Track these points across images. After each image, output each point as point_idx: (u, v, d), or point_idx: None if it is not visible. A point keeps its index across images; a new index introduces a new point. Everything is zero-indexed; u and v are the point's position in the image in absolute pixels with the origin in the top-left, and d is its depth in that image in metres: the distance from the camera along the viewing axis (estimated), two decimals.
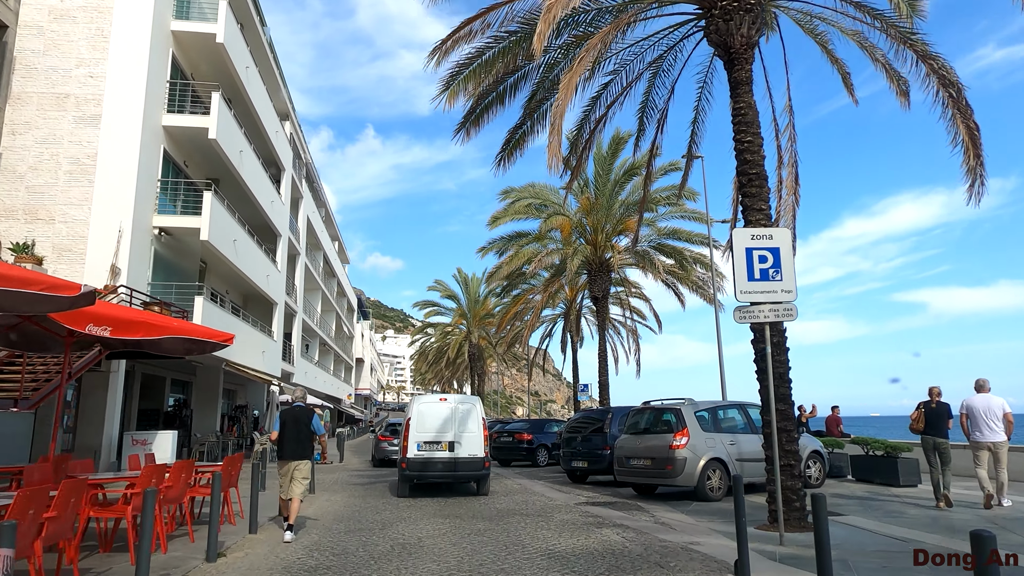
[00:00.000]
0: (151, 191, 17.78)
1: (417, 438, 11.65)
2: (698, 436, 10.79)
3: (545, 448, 19.97)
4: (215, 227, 18.74)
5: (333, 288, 47.90)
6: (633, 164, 22.50)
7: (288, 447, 7.94)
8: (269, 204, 25.67)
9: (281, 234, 28.23)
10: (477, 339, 49.30)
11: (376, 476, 16.48)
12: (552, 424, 21.02)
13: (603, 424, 13.74)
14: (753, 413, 11.91)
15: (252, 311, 28.24)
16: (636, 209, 23.44)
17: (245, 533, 7.87)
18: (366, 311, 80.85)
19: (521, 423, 21.27)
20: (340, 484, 14.40)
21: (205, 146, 19.61)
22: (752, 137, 8.62)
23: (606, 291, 23.99)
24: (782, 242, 7.39)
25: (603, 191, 23.30)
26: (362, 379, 72.72)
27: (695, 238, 23.01)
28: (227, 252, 20.06)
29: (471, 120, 10.30)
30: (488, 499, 11.62)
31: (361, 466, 20.57)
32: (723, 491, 10.74)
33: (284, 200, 28.79)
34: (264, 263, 25.11)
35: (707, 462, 10.63)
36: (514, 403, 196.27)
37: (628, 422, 12.15)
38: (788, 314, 7.24)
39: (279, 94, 29.02)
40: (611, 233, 23.62)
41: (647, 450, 11.08)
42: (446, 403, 12.15)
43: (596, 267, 23.83)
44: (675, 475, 10.52)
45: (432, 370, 59.80)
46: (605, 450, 13.35)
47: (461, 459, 11.53)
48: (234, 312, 23.45)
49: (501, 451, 20.57)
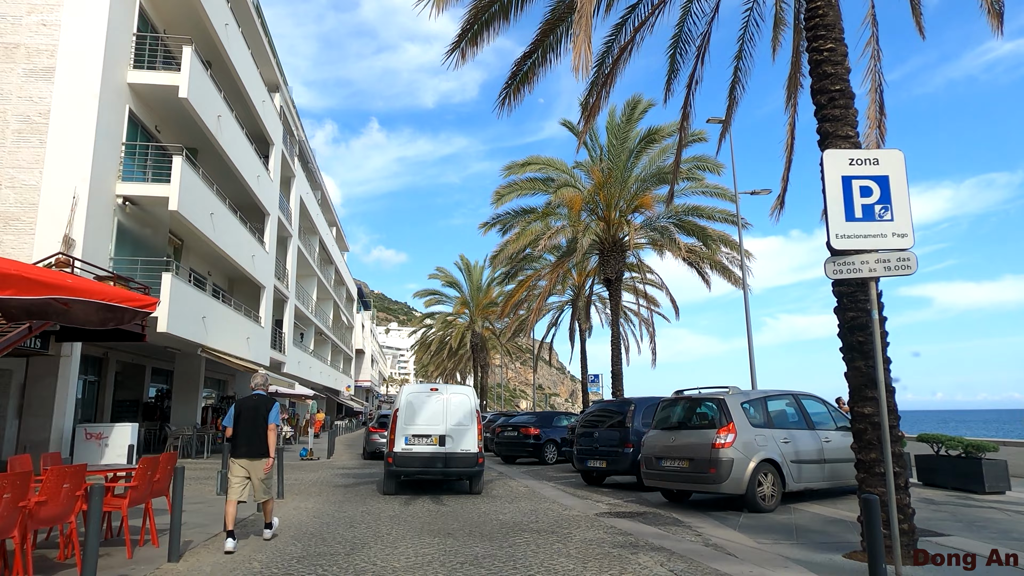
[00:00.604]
0: (113, 155, 15.84)
1: (405, 431, 10.67)
2: (746, 432, 8.82)
3: (554, 444, 18.03)
4: (187, 197, 16.80)
5: (330, 275, 45.98)
6: (651, 132, 20.46)
7: (243, 443, 6.68)
8: (255, 179, 23.72)
9: (269, 213, 26.28)
10: (480, 329, 47.37)
11: (361, 476, 14.58)
12: (561, 417, 19.07)
13: (624, 417, 11.78)
14: (810, 405, 9.92)
15: (239, 295, 26.36)
16: (654, 184, 21.45)
17: (163, 562, 5.93)
18: (367, 301, 78.98)
19: (527, 416, 19.37)
20: (319, 486, 12.49)
21: (178, 110, 17.66)
22: (834, 44, 6.59)
23: (620, 273, 21.96)
24: (892, 169, 5.39)
25: (618, 162, 21.25)
26: (363, 371, 70.91)
27: (718, 215, 20.96)
28: (203, 226, 18.12)
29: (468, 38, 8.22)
30: (489, 505, 9.70)
31: (350, 461, 18.67)
32: (776, 500, 8.79)
33: (273, 177, 26.84)
34: (249, 242, 23.19)
35: (758, 464, 8.66)
36: (518, 396, 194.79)
37: (658, 416, 10.16)
38: (904, 266, 5.24)
39: (267, 63, 27.00)
40: (626, 210, 21.58)
41: (684, 449, 9.11)
42: (437, 393, 11.13)
43: (609, 247, 21.80)
44: (719, 480, 8.56)
45: (434, 361, 57.93)
46: (627, 448, 11.39)
47: (453, 454, 10.59)
48: (214, 294, 21.55)
49: (505, 447, 18.66)
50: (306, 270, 37.29)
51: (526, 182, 22.22)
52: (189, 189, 16.95)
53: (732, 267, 21.10)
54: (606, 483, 12.93)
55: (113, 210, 15.89)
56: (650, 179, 20.73)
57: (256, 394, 6.98)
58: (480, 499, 10.49)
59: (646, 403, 11.93)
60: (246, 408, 6.80)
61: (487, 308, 46.74)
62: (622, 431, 11.64)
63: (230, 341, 21.21)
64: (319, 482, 13.14)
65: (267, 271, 26.09)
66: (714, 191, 21.39)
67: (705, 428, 9.11)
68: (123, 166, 16.26)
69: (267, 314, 26.13)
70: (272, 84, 28.23)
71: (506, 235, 22.49)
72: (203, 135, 19.18)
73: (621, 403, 12.26)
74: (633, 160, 21.30)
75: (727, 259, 20.91)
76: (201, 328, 18.13)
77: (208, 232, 18.76)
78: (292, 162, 31.31)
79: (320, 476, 14.31)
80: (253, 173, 23.48)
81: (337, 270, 48.90)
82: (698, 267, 20.39)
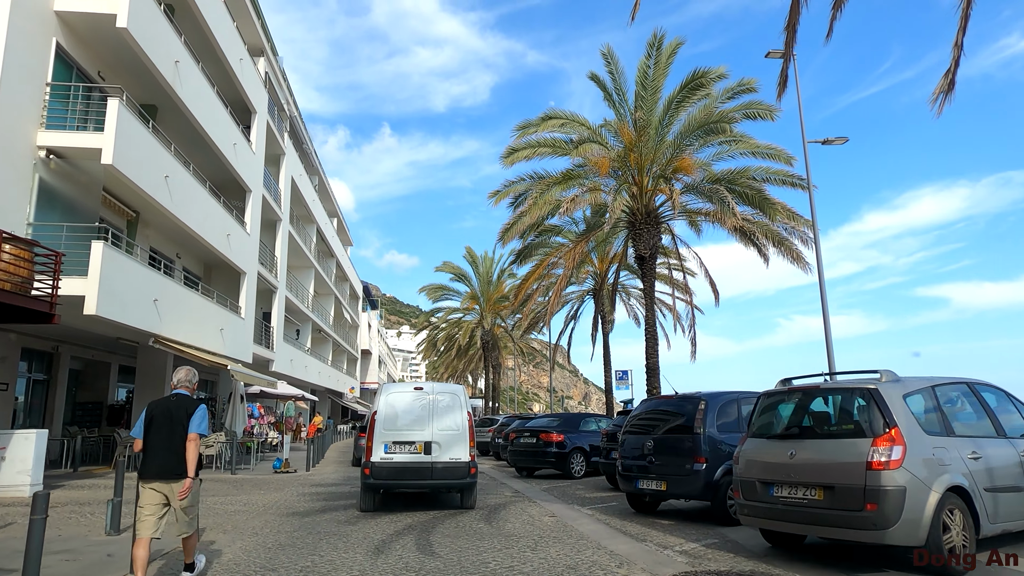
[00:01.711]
0: (33, 98, 12.74)
1: (385, 438, 9.29)
2: (920, 444, 5.42)
3: (581, 453, 14.66)
4: (129, 151, 13.66)
5: (331, 269, 42.89)
6: (695, 78, 17.06)
7: (155, 460, 5.14)
8: (230, 148, 20.60)
9: (251, 190, 23.15)
10: (491, 326, 44.04)
11: (334, 496, 11.31)
12: (589, 420, 15.64)
13: (690, 420, 8.38)
14: (993, 398, 6.48)
15: (218, 284, 23.28)
16: (698, 141, 18.06)
17: None
18: (374, 301, 76.03)
19: (548, 419, 16.03)
20: (270, 513, 9.22)
21: (127, 53, 14.54)
22: None
23: (655, 248, 18.54)
24: None
25: (650, 118, 17.87)
26: (369, 372, 67.84)
27: (774, 177, 17.49)
28: (154, 191, 14.98)
29: None
30: (504, 555, 6.39)
31: (332, 474, 15.39)
32: (971, 547, 5.37)
33: (256, 150, 23.72)
34: (223, 219, 20.05)
35: (943, 495, 5.26)
36: (530, 399, 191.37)
37: (758, 418, 6.71)
38: None
39: (248, 22, 23.94)
40: (659, 175, 18.16)
41: (812, 471, 5.71)
42: (422, 392, 9.79)
43: (642, 218, 18.40)
44: (883, 522, 5.17)
45: (442, 360, 54.68)
46: (697, 463, 8.01)
47: (440, 464, 9.26)
48: (187, 281, 18.45)
49: (521, 456, 15.30)
50: (302, 261, 34.20)
51: (544, 143, 18.87)
52: (131, 142, 13.81)
53: (791, 242, 17.59)
54: (662, 509, 9.55)
55: (33, 164, 12.78)
56: (693, 132, 17.33)
57: (176, 394, 5.41)
58: (489, 539, 7.18)
59: (722, 399, 8.54)
60: (160, 413, 5.25)
61: (498, 303, 43.41)
62: (689, 439, 8.25)
63: (197, 331, 18.07)
64: (274, 507, 9.86)
65: (248, 255, 22.95)
66: (766, 152, 17.94)
67: (848, 436, 5.71)
68: (47, 111, 13.16)
69: (249, 304, 22.99)
70: (255, 47, 25.16)
71: (518, 207, 19.06)
72: (160, 88, 16.09)
73: (684, 400, 8.83)
74: (671, 115, 17.92)
75: (787, 232, 17.39)
76: (151, 313, 14.97)
77: (163, 200, 15.62)
78: (281, 138, 28.21)
79: (281, 497, 11.02)
80: (227, 140, 20.35)
81: (339, 264, 45.81)
82: (755, 240, 16.84)
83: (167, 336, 15.75)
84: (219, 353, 19.57)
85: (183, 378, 5.53)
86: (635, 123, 18.09)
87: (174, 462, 5.06)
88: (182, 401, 5.29)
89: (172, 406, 5.23)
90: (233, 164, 20.94)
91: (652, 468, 8.54)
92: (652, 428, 8.96)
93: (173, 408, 5.21)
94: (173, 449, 5.08)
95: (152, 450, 5.10)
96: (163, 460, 5.06)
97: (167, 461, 5.06)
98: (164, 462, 5.05)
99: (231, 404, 20.27)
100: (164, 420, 5.17)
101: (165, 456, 5.07)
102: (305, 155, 35.56)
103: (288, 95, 31.04)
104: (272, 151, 27.41)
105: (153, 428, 5.16)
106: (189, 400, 5.34)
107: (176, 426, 5.13)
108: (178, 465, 5.06)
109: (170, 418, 5.16)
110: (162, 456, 5.07)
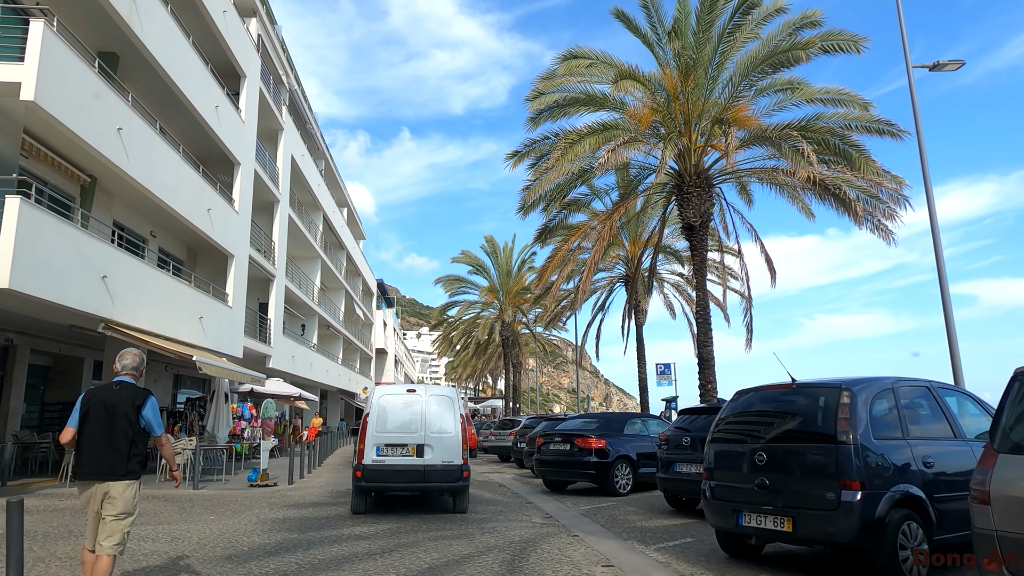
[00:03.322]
0: None
1: (376, 440, 9.24)
2: None
3: (627, 463, 11.63)
4: (59, 88, 10.98)
5: (340, 262, 40.35)
6: (750, 3, 14.00)
7: (89, 458, 4.49)
8: (211, 110, 17.96)
9: (240, 162, 20.51)
10: (511, 320, 41.12)
11: (307, 525, 8.52)
12: (635, 421, 12.55)
13: (828, 420, 5.36)
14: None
15: (205, 269, 20.70)
16: (750, 90, 15.00)
17: None
18: (390, 299, 73.51)
19: (583, 420, 13.04)
20: (200, 558, 6.39)
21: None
22: None
23: (705, 215, 15.50)
24: None
25: (700, 56, 14.84)
26: (385, 373, 65.25)
27: (857, 124, 14.29)
28: (98, 142, 12.30)
29: None
30: None
31: (317, 489, 12.54)
32: None
33: (246, 119, 21.09)
34: (200, 189, 17.38)
35: None
36: (550, 400, 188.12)
37: (1009, 416, 3.70)
38: None
39: None
40: (716, 121, 15.06)
41: None
42: (415, 395, 9.72)
43: (691, 179, 15.37)
44: None
45: (460, 359, 51.89)
46: (849, 489, 4.99)
47: (433, 467, 9.12)
48: (133, 249, 15.83)
49: (551, 467, 12.33)
50: (306, 251, 31.64)
51: (573, 99, 15.83)
52: (64, 78, 11.14)
53: (876, 203, 14.35)
54: (769, 552, 6.52)
55: None
56: (755, 70, 14.25)
57: (120, 382, 4.69)
58: None
59: (874, 387, 5.51)
60: (98, 403, 4.56)
61: (518, 296, 40.52)
62: (826, 451, 5.23)
63: (168, 319, 15.42)
64: (206, 546, 6.99)
65: (237, 236, 20.31)
66: (838, 97, 14.80)
67: None
68: None
69: (238, 291, 20.34)
70: (246, 6, 22.58)
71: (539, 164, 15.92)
72: (120, 32, 13.50)
73: (812, 389, 5.81)
74: (723, 52, 14.87)
75: (873, 187, 14.14)
76: (98, 293, 12.30)
77: (117, 159, 12.97)
78: (279, 112, 25.60)
79: (230, 527, 8.15)
80: (207, 101, 17.72)
81: (350, 258, 43.26)
82: (839, 195, 13.52)
83: (122, 321, 13.07)
84: (197, 345, 16.92)
85: (128, 364, 4.83)
86: (680, 65, 15.05)
87: (113, 460, 4.50)
88: (127, 390, 4.66)
89: (115, 396, 4.61)
90: (216, 131, 18.30)
91: (765, 496, 5.52)
92: (757, 433, 5.93)
93: (116, 398, 4.59)
94: (113, 445, 4.50)
95: (87, 445, 4.51)
96: (98, 457, 4.48)
97: (103, 459, 4.48)
98: (99, 459, 4.48)
99: (214, 403, 17.60)
100: (103, 411, 4.55)
101: (101, 453, 4.48)
102: (309, 136, 32.99)
103: (287, 67, 28.46)
104: (268, 125, 24.81)
105: (90, 420, 4.54)
106: (135, 390, 4.70)
107: (118, 419, 4.54)
108: (117, 464, 4.49)
109: (111, 410, 4.55)
110: (98, 452, 4.49)
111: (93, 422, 4.51)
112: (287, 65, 28.52)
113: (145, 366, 5.02)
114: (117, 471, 4.46)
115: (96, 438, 4.49)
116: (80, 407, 4.58)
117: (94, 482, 4.46)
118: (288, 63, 28.83)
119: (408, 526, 8.25)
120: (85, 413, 4.54)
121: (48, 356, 18.31)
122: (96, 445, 4.47)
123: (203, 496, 10.98)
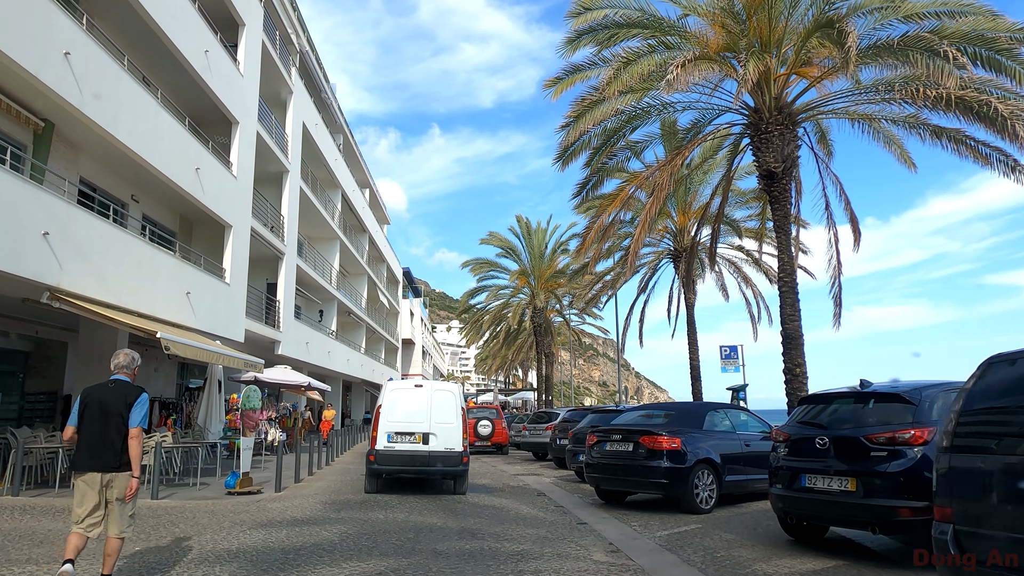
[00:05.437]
0: None
1: (388, 428, 10.33)
2: None
3: (710, 469, 8.73)
4: None
5: (362, 246, 38.05)
6: None
7: (86, 452, 4.78)
8: (200, 55, 15.52)
9: (238, 121, 18.08)
10: (544, 306, 38.29)
11: (278, 565, 5.82)
12: (718, 414, 9.63)
13: None
14: None
15: (202, 243, 18.42)
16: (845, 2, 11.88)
17: None
18: (417, 288, 71.30)
19: (646, 413, 10.20)
20: None
21: None
22: None
23: (789, 161, 12.48)
24: None
25: None
26: (412, 364, 63.10)
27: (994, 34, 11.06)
28: (37, 67, 9.85)
29: None
30: None
31: (311, 498, 9.90)
32: None
33: (246, 73, 18.66)
34: (184, 142, 14.93)
35: None
36: (581, 393, 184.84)
37: None
38: None
39: None
40: (806, 37, 11.97)
41: None
42: (421, 390, 10.95)
43: (771, 115, 12.35)
44: None
45: (489, 349, 49.29)
46: None
47: (436, 453, 10.27)
48: (100, 210, 13.46)
49: (607, 473, 9.46)
50: (323, 231, 29.35)
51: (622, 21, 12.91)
52: None
53: None
54: None
55: None
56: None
57: (115, 380, 5.00)
58: None
59: None
60: (93, 401, 4.87)
61: (551, 280, 37.66)
62: None
63: (142, 292, 13.01)
64: None
65: (235, 203, 17.91)
66: (955, 9, 11.59)
67: None
68: None
69: (237, 266, 17.97)
70: None
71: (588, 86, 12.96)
72: None
73: None
74: None
75: None
76: (40, 254, 9.89)
77: (68, 94, 10.54)
78: (288, 74, 23.17)
79: (209, 544, 5.54)
80: (195, 45, 15.28)
81: (373, 242, 40.91)
82: (989, 114, 10.20)
83: (72, 291, 10.65)
84: (185, 325, 14.55)
85: (121, 363, 5.08)
86: None
87: (109, 455, 4.76)
88: (120, 389, 4.92)
89: (108, 394, 4.88)
90: (207, 80, 15.86)
91: None
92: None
93: (110, 397, 4.86)
94: (108, 442, 4.76)
95: (85, 442, 4.78)
96: (95, 452, 4.75)
97: (100, 454, 4.75)
98: (96, 454, 4.74)
99: (206, 394, 15.26)
100: (98, 409, 4.82)
101: (98, 450, 4.75)
102: (325, 106, 30.59)
103: (298, 28, 26.00)
104: (274, 87, 22.42)
105: (87, 418, 4.81)
106: (129, 388, 4.95)
107: (112, 417, 4.80)
108: (113, 458, 4.76)
109: (105, 408, 4.82)
110: (95, 450, 4.75)
111: (90, 419, 4.80)
112: (297, 25, 26.07)
113: (139, 363, 5.23)
114: (113, 464, 4.74)
115: (93, 434, 4.78)
116: (78, 405, 4.86)
117: (94, 472, 4.72)
118: (300, 23, 26.38)
119: (407, 563, 5.58)
120: (83, 411, 4.82)
121: (27, 340, 16.22)
122: (93, 441, 4.76)
123: (153, 509, 8.45)
